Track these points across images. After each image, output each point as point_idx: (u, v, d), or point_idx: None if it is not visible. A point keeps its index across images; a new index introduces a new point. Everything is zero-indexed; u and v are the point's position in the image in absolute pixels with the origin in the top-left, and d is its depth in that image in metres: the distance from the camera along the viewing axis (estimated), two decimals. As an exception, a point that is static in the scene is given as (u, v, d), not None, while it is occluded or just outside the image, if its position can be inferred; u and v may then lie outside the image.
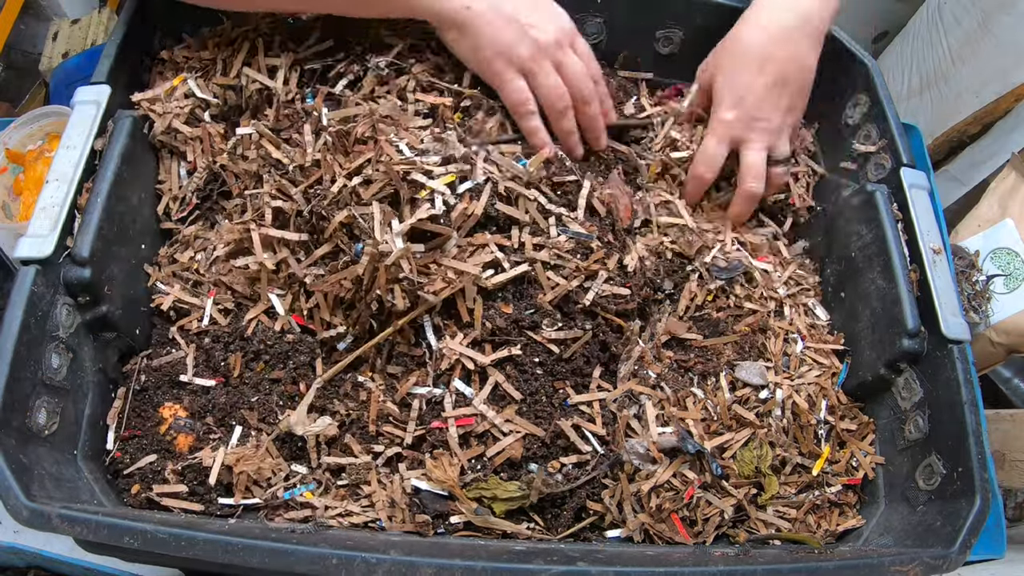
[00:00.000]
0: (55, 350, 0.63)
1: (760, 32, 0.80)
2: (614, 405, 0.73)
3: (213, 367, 0.72)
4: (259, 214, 0.74)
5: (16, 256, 0.63)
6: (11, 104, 1.44)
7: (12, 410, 0.58)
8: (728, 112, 0.81)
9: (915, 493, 0.71)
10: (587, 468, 0.70)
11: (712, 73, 0.83)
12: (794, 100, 0.82)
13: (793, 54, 0.79)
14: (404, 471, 0.69)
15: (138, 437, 0.69)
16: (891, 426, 0.76)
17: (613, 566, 0.56)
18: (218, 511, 0.67)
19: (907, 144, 0.82)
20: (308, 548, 0.53)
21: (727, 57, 0.82)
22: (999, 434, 1.04)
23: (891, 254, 0.76)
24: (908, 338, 0.73)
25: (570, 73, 0.78)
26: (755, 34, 0.80)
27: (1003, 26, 1.20)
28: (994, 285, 1.04)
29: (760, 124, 0.81)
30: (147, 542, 0.53)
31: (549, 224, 0.73)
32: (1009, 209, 1.05)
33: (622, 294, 0.74)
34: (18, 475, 0.55)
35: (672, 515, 0.69)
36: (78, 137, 0.69)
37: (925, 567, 0.60)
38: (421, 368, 0.71)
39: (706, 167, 0.83)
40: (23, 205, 0.97)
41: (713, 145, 0.82)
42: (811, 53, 0.81)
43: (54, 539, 0.80)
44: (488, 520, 0.67)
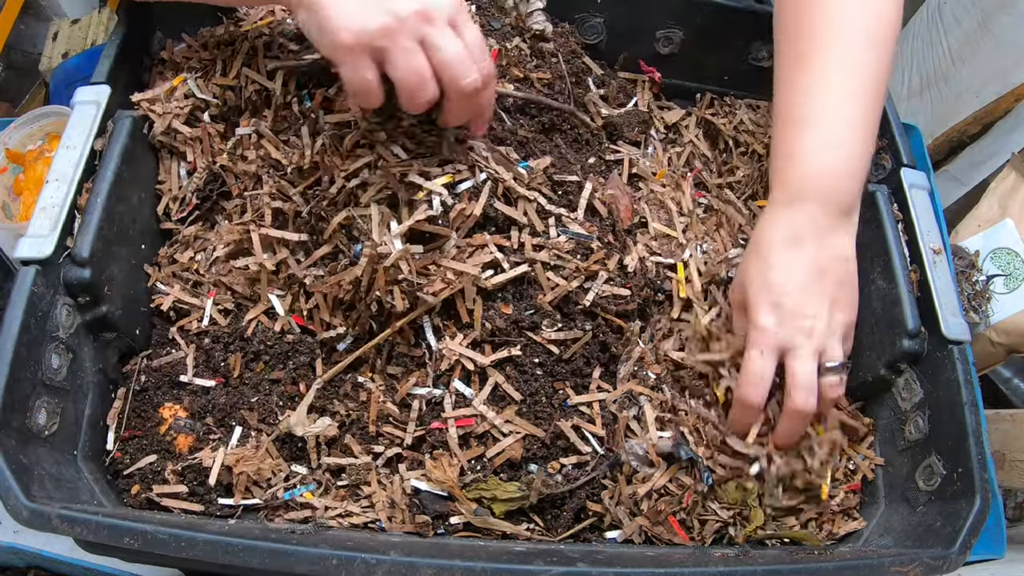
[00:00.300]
0: (55, 350, 0.63)
1: (783, 225, 0.70)
2: (614, 406, 0.73)
3: (213, 367, 0.72)
4: (259, 215, 0.74)
5: (16, 256, 0.63)
6: (11, 104, 1.44)
7: (12, 410, 0.58)
8: (767, 317, 0.69)
9: (915, 494, 0.71)
10: (587, 469, 0.70)
11: (742, 283, 0.72)
12: (837, 293, 0.70)
13: (825, 242, 0.70)
14: (404, 472, 0.69)
15: (138, 437, 0.69)
16: (891, 426, 0.76)
17: (613, 567, 0.56)
18: (218, 511, 0.67)
19: (907, 144, 0.82)
20: (308, 549, 0.53)
21: (753, 262, 0.71)
22: (999, 434, 1.04)
23: (891, 254, 0.76)
24: (908, 338, 0.73)
25: (441, 54, 0.62)
26: (778, 229, 0.71)
27: (1003, 26, 1.20)
28: (994, 285, 1.04)
29: (805, 324, 0.68)
30: (147, 543, 0.53)
31: (549, 225, 0.73)
32: (1009, 209, 1.05)
33: (622, 295, 0.74)
34: (18, 475, 0.55)
35: (670, 518, 0.69)
36: (78, 137, 0.69)
37: (925, 567, 0.60)
38: (421, 369, 0.71)
39: (754, 389, 0.68)
40: (23, 205, 0.97)
41: (757, 359, 0.68)
42: (845, 238, 0.71)
43: (54, 539, 0.80)
44: (488, 521, 0.67)
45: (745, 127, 0.92)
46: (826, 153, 0.70)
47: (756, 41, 0.92)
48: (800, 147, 0.71)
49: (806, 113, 0.71)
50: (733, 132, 0.92)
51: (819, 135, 0.70)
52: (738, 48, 0.93)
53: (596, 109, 0.89)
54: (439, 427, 0.69)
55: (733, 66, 0.95)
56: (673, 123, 0.95)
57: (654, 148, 0.93)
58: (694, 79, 0.96)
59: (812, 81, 0.71)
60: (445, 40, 0.62)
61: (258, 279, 0.73)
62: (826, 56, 0.71)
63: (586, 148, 0.86)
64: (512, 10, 0.87)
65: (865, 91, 0.71)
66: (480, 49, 0.64)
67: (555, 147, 0.81)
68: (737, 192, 0.90)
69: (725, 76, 0.96)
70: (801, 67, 0.72)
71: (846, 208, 0.70)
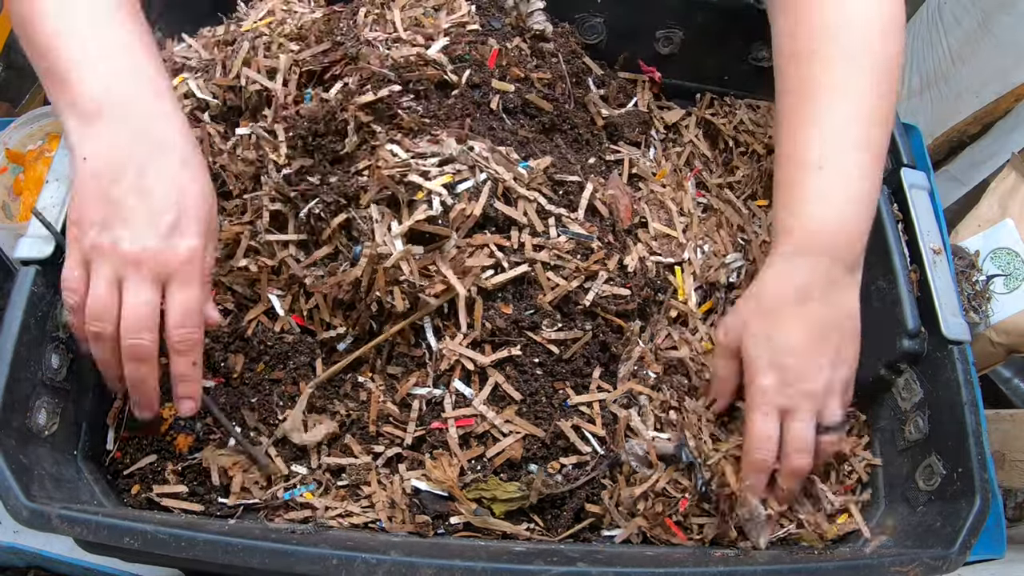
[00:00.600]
0: (55, 350, 0.63)
1: (789, 280, 0.68)
2: (614, 405, 0.73)
3: (213, 367, 0.72)
4: (258, 215, 0.74)
5: (16, 256, 0.63)
6: (11, 104, 1.44)
7: (12, 410, 0.58)
8: (769, 378, 0.67)
9: (915, 494, 0.71)
10: (587, 469, 0.70)
11: (739, 334, 0.70)
12: (840, 352, 0.68)
13: (830, 302, 0.68)
14: (404, 472, 0.69)
15: (138, 437, 0.69)
16: (891, 427, 0.76)
17: (613, 567, 0.56)
18: (218, 511, 0.67)
19: (907, 144, 0.81)
20: (308, 548, 0.53)
21: (755, 316, 0.69)
22: (999, 434, 1.04)
23: (891, 254, 0.76)
24: (908, 338, 0.73)
25: (127, 306, 0.58)
26: (784, 283, 0.68)
27: (1003, 26, 1.20)
28: (994, 285, 1.04)
29: (806, 388, 0.67)
30: (147, 543, 0.53)
31: (549, 225, 0.73)
32: (1009, 209, 1.06)
33: (622, 294, 0.74)
34: (18, 475, 0.55)
35: (667, 520, 0.69)
36: (78, 137, 0.69)
37: (925, 567, 0.60)
38: (421, 369, 0.71)
39: (763, 451, 0.67)
40: (23, 205, 0.97)
41: (761, 422, 0.68)
42: (852, 294, 0.69)
43: (54, 539, 0.80)
44: (488, 521, 0.67)
45: (745, 127, 0.92)
46: (837, 207, 0.68)
47: (756, 41, 0.92)
48: (808, 196, 0.69)
49: (814, 157, 0.68)
50: (733, 132, 0.92)
51: (829, 184, 0.68)
52: (738, 48, 0.93)
53: (596, 109, 0.89)
54: (439, 427, 0.69)
55: (733, 66, 0.95)
56: (673, 123, 0.95)
57: (654, 148, 0.93)
58: (694, 79, 0.96)
59: (819, 117, 0.69)
60: (137, 292, 0.58)
61: (258, 279, 0.73)
62: (832, 90, 0.69)
63: (586, 148, 0.86)
64: (512, 10, 0.87)
65: (874, 129, 0.69)
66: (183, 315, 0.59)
67: (555, 147, 0.81)
68: (737, 192, 0.90)
69: (725, 76, 0.96)
70: (804, 99, 0.70)
71: (853, 264, 0.69)
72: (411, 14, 0.81)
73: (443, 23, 0.80)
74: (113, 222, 0.58)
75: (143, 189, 0.58)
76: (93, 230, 0.58)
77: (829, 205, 0.68)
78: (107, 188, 0.58)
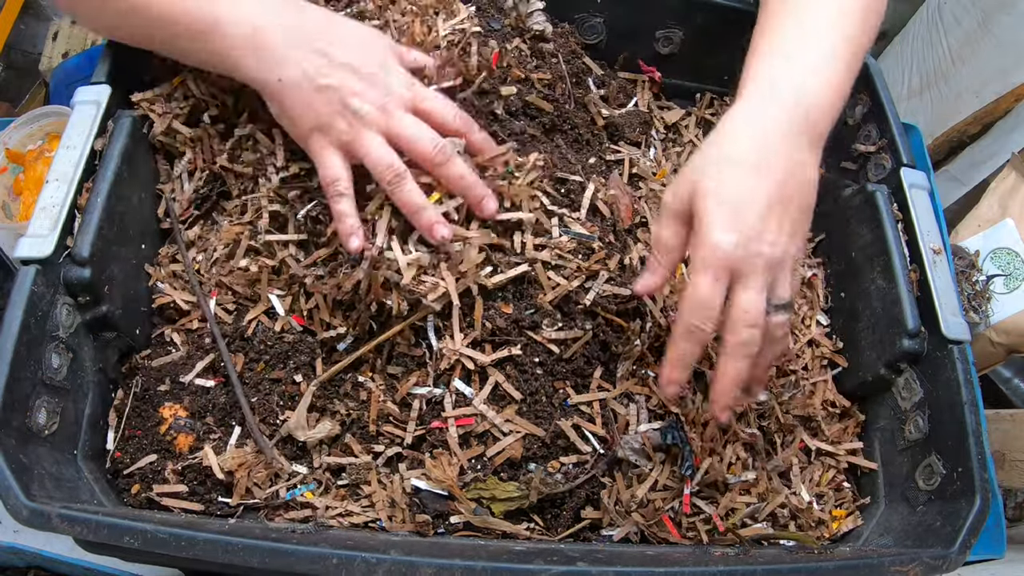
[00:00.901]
0: (55, 350, 0.63)
1: (750, 131, 0.62)
2: (614, 403, 0.73)
3: (213, 367, 0.72)
4: (258, 215, 0.74)
5: (16, 256, 0.63)
6: (11, 104, 1.44)
7: (12, 410, 0.58)
8: (725, 233, 0.59)
9: (915, 493, 0.71)
10: (586, 468, 0.70)
11: (691, 192, 0.61)
12: (797, 223, 0.62)
13: (793, 162, 0.62)
14: (404, 471, 0.69)
15: (138, 437, 0.69)
16: (891, 426, 0.76)
17: (613, 566, 0.56)
18: (218, 511, 0.67)
19: (907, 144, 0.82)
20: (308, 548, 0.53)
21: (713, 165, 0.62)
22: (999, 434, 1.04)
23: (891, 254, 0.76)
24: (908, 338, 0.73)
25: (406, 138, 0.66)
26: (745, 133, 0.62)
27: (1003, 26, 1.20)
28: (994, 285, 1.04)
29: (764, 251, 0.59)
30: (147, 542, 0.53)
31: (551, 225, 0.73)
32: (1009, 209, 1.06)
33: (623, 294, 0.74)
34: (18, 475, 0.55)
35: (663, 516, 0.69)
36: (78, 137, 0.69)
37: (925, 567, 0.60)
38: (421, 368, 0.71)
39: (701, 317, 0.59)
40: (23, 205, 0.97)
41: (707, 285, 0.59)
42: (812, 161, 0.64)
43: (54, 539, 0.80)
44: (487, 520, 0.67)
45: (745, 127, 0.92)
46: (806, 76, 0.65)
47: (756, 41, 0.92)
48: (780, 62, 0.66)
49: (788, 49, 0.67)
50: (733, 132, 0.92)
51: (804, 54, 0.66)
52: (738, 48, 0.93)
53: (597, 109, 0.89)
54: (439, 426, 0.69)
55: (733, 66, 0.95)
56: (673, 123, 0.95)
57: (654, 148, 0.93)
58: (694, 79, 0.96)
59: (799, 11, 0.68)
60: (404, 125, 0.66)
61: (258, 279, 0.74)
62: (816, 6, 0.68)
63: (586, 148, 0.86)
64: (512, 11, 0.87)
65: (853, 24, 0.68)
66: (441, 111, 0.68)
67: (556, 147, 0.81)
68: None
69: (725, 76, 0.96)
70: (786, 10, 0.69)
71: (815, 138, 0.64)
72: (410, 20, 0.81)
73: (442, 28, 0.80)
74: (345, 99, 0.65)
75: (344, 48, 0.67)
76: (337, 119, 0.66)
77: (801, 72, 0.65)
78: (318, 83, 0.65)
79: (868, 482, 0.78)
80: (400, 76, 0.69)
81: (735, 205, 0.59)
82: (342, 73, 0.65)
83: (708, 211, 0.60)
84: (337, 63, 0.66)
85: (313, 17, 0.68)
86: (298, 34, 0.66)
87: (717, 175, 0.61)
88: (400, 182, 0.66)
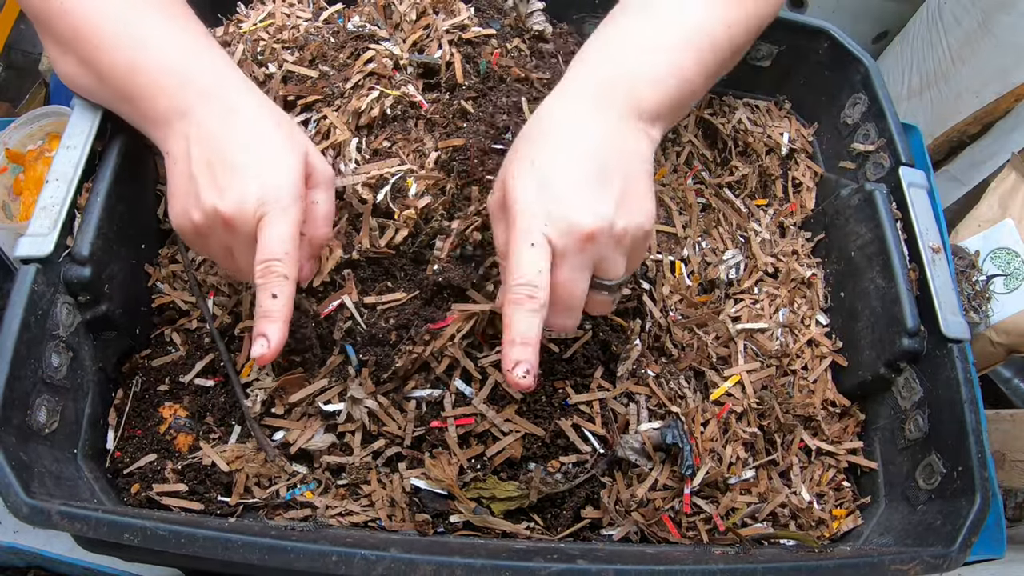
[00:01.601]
0: (55, 349, 0.63)
1: (558, 108, 0.60)
2: (614, 402, 0.73)
3: (213, 367, 0.72)
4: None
5: (16, 255, 0.63)
6: (11, 104, 1.44)
7: (13, 408, 0.58)
8: (531, 200, 0.55)
9: (915, 492, 0.71)
10: (586, 467, 0.70)
11: (503, 178, 0.59)
12: (629, 199, 0.56)
13: (616, 135, 0.58)
14: (404, 470, 0.69)
15: (138, 436, 0.69)
16: (891, 425, 0.76)
17: (613, 564, 0.56)
18: (218, 510, 0.67)
19: (906, 143, 0.82)
20: (308, 545, 0.53)
21: (523, 141, 0.59)
22: (999, 434, 1.04)
23: (890, 253, 0.76)
24: (908, 337, 0.73)
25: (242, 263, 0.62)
26: (552, 110, 0.60)
27: (1003, 26, 1.20)
28: (994, 285, 1.04)
29: (580, 225, 0.54)
30: (147, 539, 0.53)
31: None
32: (1009, 209, 1.06)
33: (623, 294, 0.74)
34: (18, 472, 0.55)
35: (663, 516, 0.69)
36: (78, 137, 0.69)
37: (925, 566, 0.60)
38: (421, 368, 0.71)
39: (528, 284, 0.54)
40: (23, 205, 0.97)
41: (528, 252, 0.54)
42: (642, 139, 0.60)
43: (54, 539, 0.80)
44: (487, 520, 0.67)
45: (744, 127, 0.92)
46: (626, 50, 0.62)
47: (756, 41, 0.92)
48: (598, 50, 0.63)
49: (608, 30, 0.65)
50: (732, 132, 0.92)
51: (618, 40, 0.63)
52: (737, 48, 0.93)
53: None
54: (439, 426, 0.69)
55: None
56: (672, 123, 0.95)
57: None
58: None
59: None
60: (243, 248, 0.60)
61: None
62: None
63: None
64: (511, 11, 0.87)
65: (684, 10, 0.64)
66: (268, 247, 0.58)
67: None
68: (736, 191, 0.91)
69: (724, 76, 0.96)
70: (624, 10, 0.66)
71: (645, 114, 0.60)
72: (409, 33, 0.81)
73: (442, 26, 0.80)
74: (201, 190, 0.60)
75: None
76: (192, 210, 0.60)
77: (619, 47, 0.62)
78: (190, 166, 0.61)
79: (868, 481, 0.78)
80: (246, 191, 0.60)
81: (542, 175, 0.56)
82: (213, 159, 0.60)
83: (515, 180, 0.56)
84: None
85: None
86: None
87: (526, 149, 0.58)
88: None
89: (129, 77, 0.62)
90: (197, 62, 0.63)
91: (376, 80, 0.77)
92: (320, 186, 0.64)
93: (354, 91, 0.77)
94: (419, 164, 0.74)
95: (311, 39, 0.81)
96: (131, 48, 0.62)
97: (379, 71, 0.77)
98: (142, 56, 0.62)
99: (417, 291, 0.71)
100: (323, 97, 0.76)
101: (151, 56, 0.62)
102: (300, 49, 0.80)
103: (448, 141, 0.74)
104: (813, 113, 0.94)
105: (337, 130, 0.74)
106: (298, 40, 0.81)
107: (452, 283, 0.69)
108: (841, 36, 0.87)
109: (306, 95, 0.76)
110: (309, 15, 0.85)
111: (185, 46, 0.63)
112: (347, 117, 0.75)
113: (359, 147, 0.74)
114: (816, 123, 0.94)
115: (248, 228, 0.58)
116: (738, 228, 0.87)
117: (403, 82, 0.78)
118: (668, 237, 0.84)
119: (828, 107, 0.91)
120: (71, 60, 0.65)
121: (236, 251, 0.61)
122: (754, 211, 0.90)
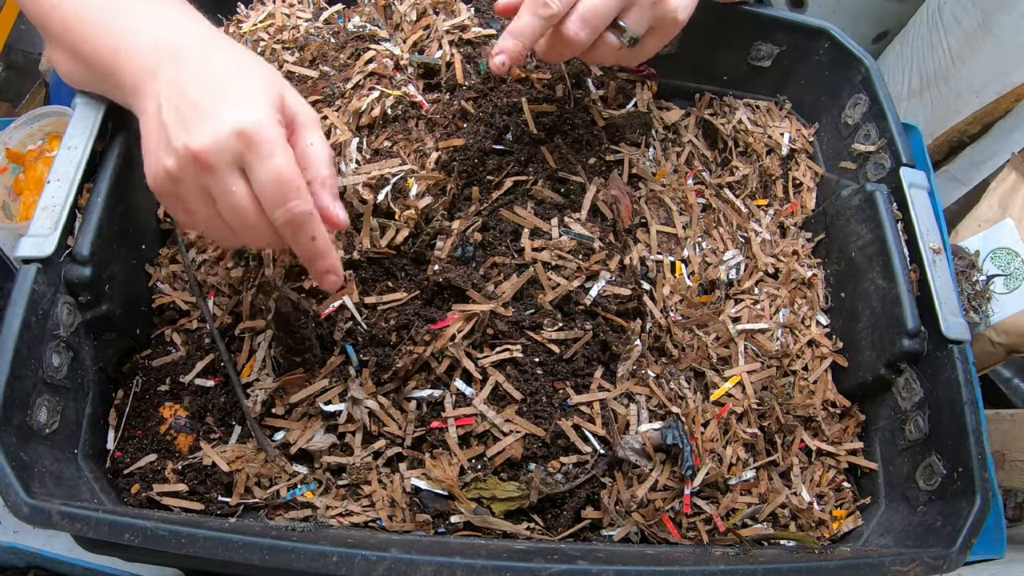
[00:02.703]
0: (56, 349, 0.63)
1: None
2: (615, 403, 0.73)
3: (213, 367, 0.72)
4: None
5: (17, 255, 0.63)
6: (11, 104, 1.44)
7: (13, 408, 0.58)
8: None
9: (915, 493, 0.71)
10: (586, 467, 0.70)
11: None
12: None
13: None
14: (404, 471, 0.69)
15: (138, 437, 0.69)
16: (891, 426, 0.76)
17: (613, 565, 0.56)
18: (218, 510, 0.67)
19: (907, 143, 0.82)
20: (308, 545, 0.53)
21: None
22: (999, 434, 1.04)
23: (891, 254, 0.76)
24: (908, 338, 0.73)
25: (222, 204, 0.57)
26: None
27: (1003, 26, 1.20)
28: (994, 285, 1.04)
29: None
30: (147, 539, 0.53)
31: (552, 225, 0.73)
32: (1009, 209, 1.06)
33: (623, 294, 0.74)
34: (18, 472, 0.55)
35: (663, 516, 0.69)
36: (79, 137, 0.69)
37: (925, 567, 0.60)
38: (422, 368, 0.71)
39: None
40: (23, 205, 0.97)
41: None
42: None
43: (54, 539, 0.80)
44: (487, 520, 0.67)
45: (744, 127, 0.92)
46: None
47: (756, 41, 0.92)
48: None
49: None
50: (732, 132, 0.92)
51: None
52: (737, 48, 0.93)
53: (597, 110, 0.89)
54: (439, 426, 0.69)
55: (733, 66, 0.95)
56: (672, 123, 0.95)
57: (654, 148, 0.93)
58: (694, 79, 0.96)
59: None
60: (223, 189, 0.56)
61: (244, 280, 0.73)
62: None
63: (586, 149, 0.86)
64: (512, 10, 0.87)
65: None
66: (275, 188, 0.55)
67: (556, 147, 0.81)
68: (736, 191, 0.91)
69: (724, 76, 0.96)
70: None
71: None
72: (409, 33, 0.81)
73: (442, 26, 0.80)
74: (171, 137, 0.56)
75: None
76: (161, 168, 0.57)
77: None
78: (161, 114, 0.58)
79: (868, 482, 0.78)
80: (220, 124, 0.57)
81: None
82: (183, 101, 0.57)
83: None
84: None
85: None
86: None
87: None
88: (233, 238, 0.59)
89: (112, 56, 0.62)
90: (171, 26, 0.62)
91: (376, 80, 0.77)
92: (309, 127, 0.62)
93: (354, 91, 0.77)
94: (420, 164, 0.74)
95: (311, 39, 0.81)
96: (117, 32, 0.62)
97: (379, 71, 0.77)
98: (126, 36, 0.61)
99: (417, 291, 0.71)
100: (323, 97, 0.76)
101: (132, 32, 0.61)
102: (300, 49, 0.80)
103: (448, 141, 0.74)
104: (813, 113, 0.94)
105: (338, 130, 0.74)
106: (298, 40, 0.81)
107: (452, 283, 0.70)
108: (842, 36, 0.87)
109: (306, 95, 0.76)
110: (309, 15, 0.85)
111: (163, 17, 0.63)
112: (348, 117, 0.75)
113: (360, 147, 0.74)
114: (816, 123, 0.94)
115: (224, 162, 0.55)
116: (738, 228, 0.87)
117: (403, 82, 0.78)
118: (668, 237, 0.84)
119: (829, 107, 0.91)
120: (65, 55, 0.65)
121: (216, 193, 0.56)
122: (754, 211, 0.90)
